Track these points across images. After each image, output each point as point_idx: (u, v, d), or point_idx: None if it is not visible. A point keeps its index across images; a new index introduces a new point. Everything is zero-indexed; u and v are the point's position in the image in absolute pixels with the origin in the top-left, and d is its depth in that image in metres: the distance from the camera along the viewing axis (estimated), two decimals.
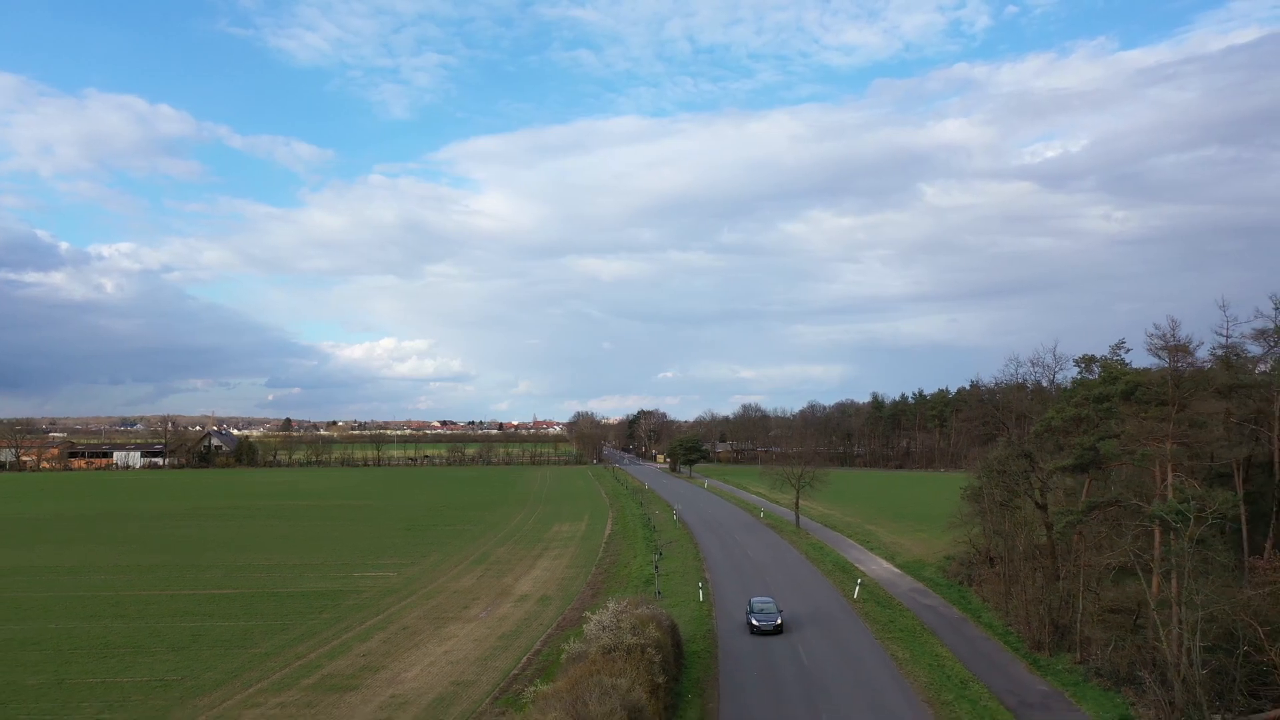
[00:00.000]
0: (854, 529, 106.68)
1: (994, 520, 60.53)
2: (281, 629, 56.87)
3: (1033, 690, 43.86)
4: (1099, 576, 45.43)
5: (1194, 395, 44.15)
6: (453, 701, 42.24)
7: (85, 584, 71.86)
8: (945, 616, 60.04)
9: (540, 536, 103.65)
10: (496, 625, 58.21)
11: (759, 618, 54.06)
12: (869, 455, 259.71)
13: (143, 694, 43.40)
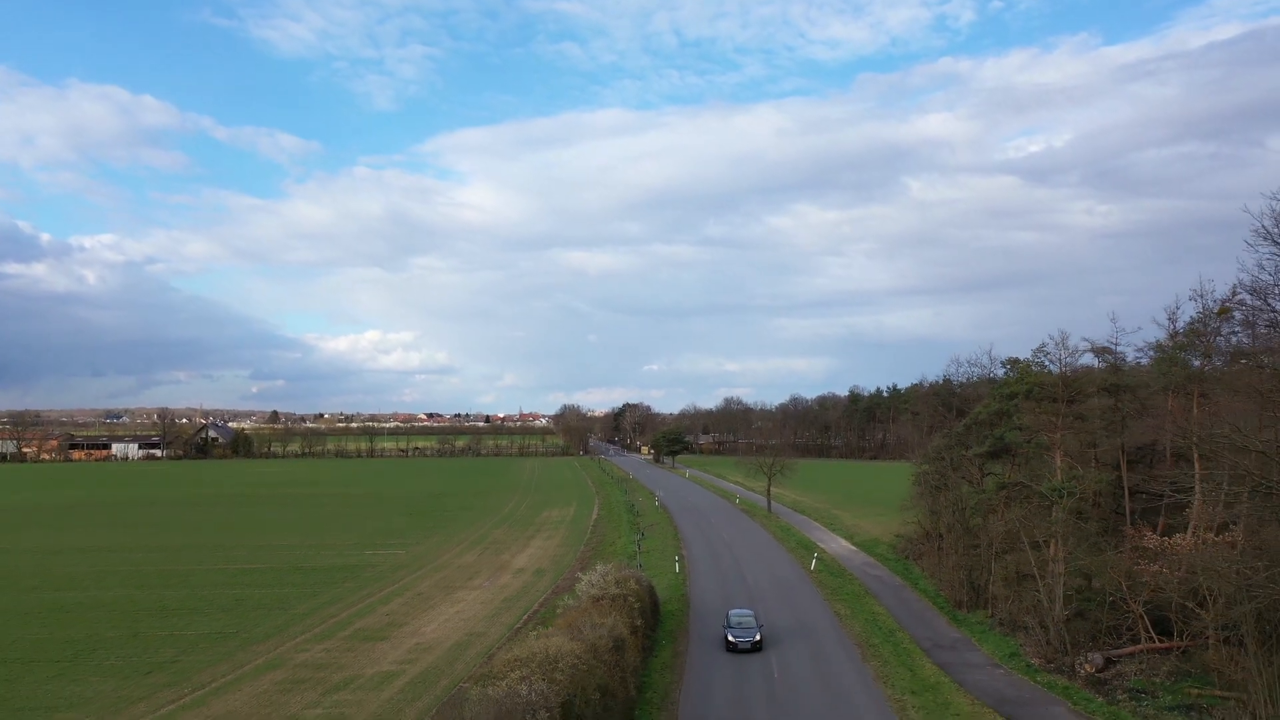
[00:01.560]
0: (821, 513, 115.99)
1: (930, 501, 69.78)
2: (312, 595, 65.46)
3: (947, 637, 53.11)
4: (1005, 546, 54.61)
5: (1081, 393, 53.29)
6: (468, 647, 51.03)
7: (128, 560, 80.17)
8: (888, 584, 69.30)
9: (532, 520, 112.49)
10: (499, 592, 67.05)
11: (736, 633, 49.58)
12: (845, 447, 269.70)
13: (207, 643, 51.95)
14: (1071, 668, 44.07)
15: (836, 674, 45.28)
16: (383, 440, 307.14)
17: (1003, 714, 38.93)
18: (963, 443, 67.33)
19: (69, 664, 47.59)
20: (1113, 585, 46.85)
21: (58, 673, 45.81)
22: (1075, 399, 52.80)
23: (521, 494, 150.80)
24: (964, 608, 58.44)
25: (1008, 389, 59.32)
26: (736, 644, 48.99)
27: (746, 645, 48.89)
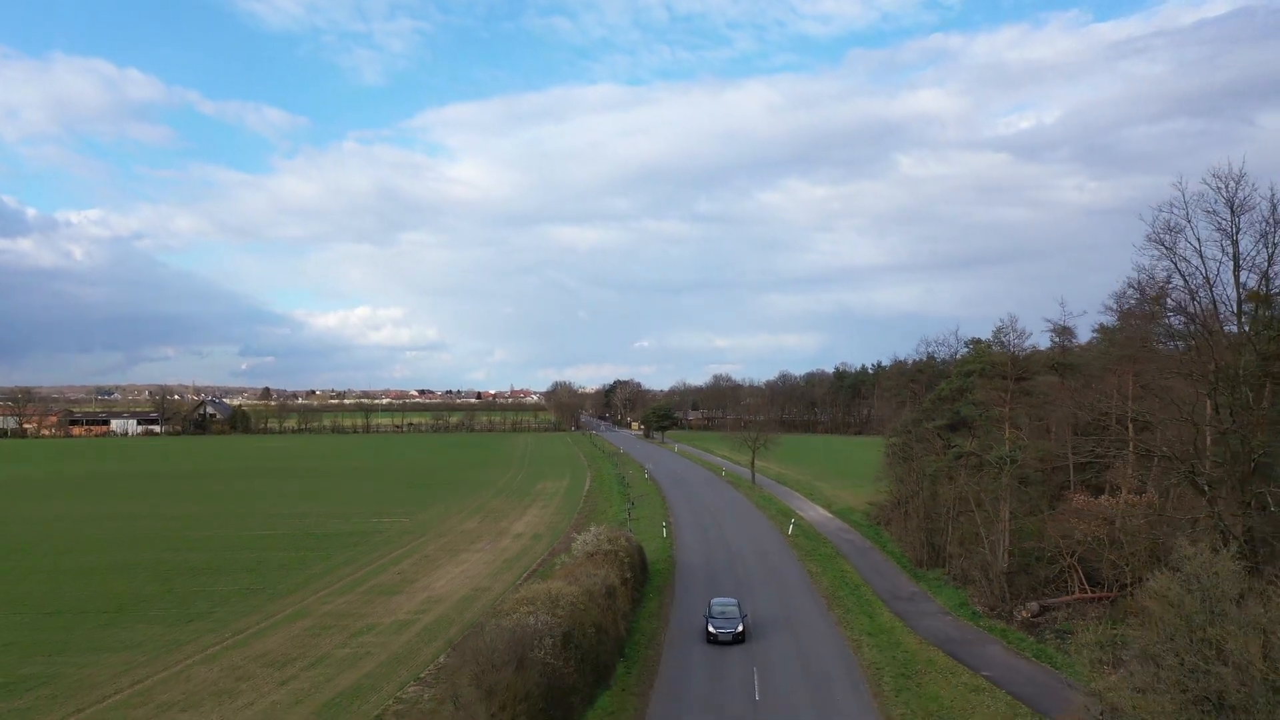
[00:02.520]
0: (802, 485, 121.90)
1: (898, 471, 75.52)
2: (326, 557, 70.89)
3: (906, 590, 58.95)
4: (959, 509, 60.32)
5: (1029, 371, 58.84)
6: (474, 599, 56.59)
7: (149, 527, 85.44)
8: (858, 546, 75.15)
9: (528, 491, 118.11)
10: (500, 553, 72.64)
11: (718, 623, 46.20)
12: (830, 422, 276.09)
13: (238, 597, 57.37)
14: (1010, 614, 49.91)
15: (804, 620, 51.04)
16: (377, 416, 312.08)
17: (945, 651, 44.69)
18: (929, 416, 72.94)
19: (116, 614, 52.96)
20: (1050, 543, 52.62)
21: (107, 622, 51.17)
22: (1024, 377, 58.34)
23: (516, 467, 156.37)
24: (924, 565, 64.29)
25: (966, 367, 64.88)
26: (717, 635, 45.51)
27: (728, 637, 45.38)
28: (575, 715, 35.02)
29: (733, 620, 46.51)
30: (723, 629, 45.93)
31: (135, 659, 44.16)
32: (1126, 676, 23.23)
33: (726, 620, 46.54)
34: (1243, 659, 19.25)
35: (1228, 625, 20.17)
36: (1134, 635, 27.65)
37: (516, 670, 30.13)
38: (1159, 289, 39.15)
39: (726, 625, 46.18)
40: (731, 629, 45.91)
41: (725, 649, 45.36)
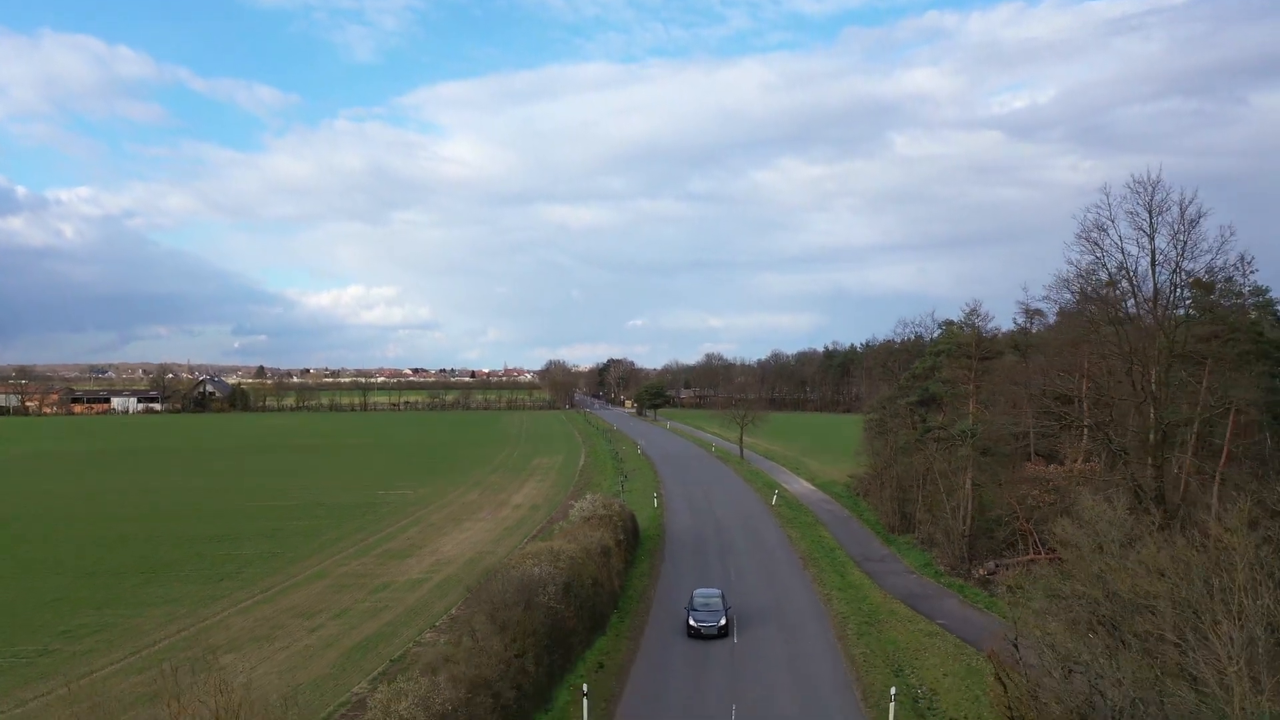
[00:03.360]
0: (789, 460, 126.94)
1: (876, 445, 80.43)
2: (338, 525, 75.59)
3: (877, 553, 63.96)
4: (927, 479, 65.20)
5: (992, 351, 63.55)
6: (480, 561, 61.32)
7: (166, 500, 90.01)
8: (837, 515, 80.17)
9: (525, 466, 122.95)
10: (501, 522, 77.47)
11: (700, 616, 43.71)
12: (820, 400, 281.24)
13: (260, 560, 62.06)
14: (969, 573, 54.91)
15: (781, 577, 56.03)
16: (374, 395, 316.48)
17: (907, 604, 49.66)
18: (904, 394, 77.75)
19: (152, 575, 57.66)
20: (1006, 508, 57.59)
21: (145, 581, 55.85)
22: (988, 356, 63.06)
23: (513, 444, 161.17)
24: (895, 531, 69.30)
25: (936, 347, 69.62)
26: (699, 629, 43.01)
27: (711, 631, 42.90)
28: (574, 654, 39.85)
29: (716, 613, 44.09)
30: (705, 622, 43.49)
31: (176, 611, 48.89)
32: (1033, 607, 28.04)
33: (709, 613, 44.15)
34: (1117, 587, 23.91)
35: (1109, 560, 24.83)
36: (1042, 574, 32.43)
37: (524, 610, 34.90)
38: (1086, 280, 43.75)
39: (709, 618, 43.77)
40: (714, 622, 43.45)
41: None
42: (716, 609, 44.45)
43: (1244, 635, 16.82)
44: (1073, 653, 23.81)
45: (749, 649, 41.94)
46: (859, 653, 41.19)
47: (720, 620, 43.58)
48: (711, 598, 45.61)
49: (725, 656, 41.10)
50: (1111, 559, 24.83)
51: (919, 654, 40.92)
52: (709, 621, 43.53)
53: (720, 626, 43.33)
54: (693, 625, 43.46)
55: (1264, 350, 49.51)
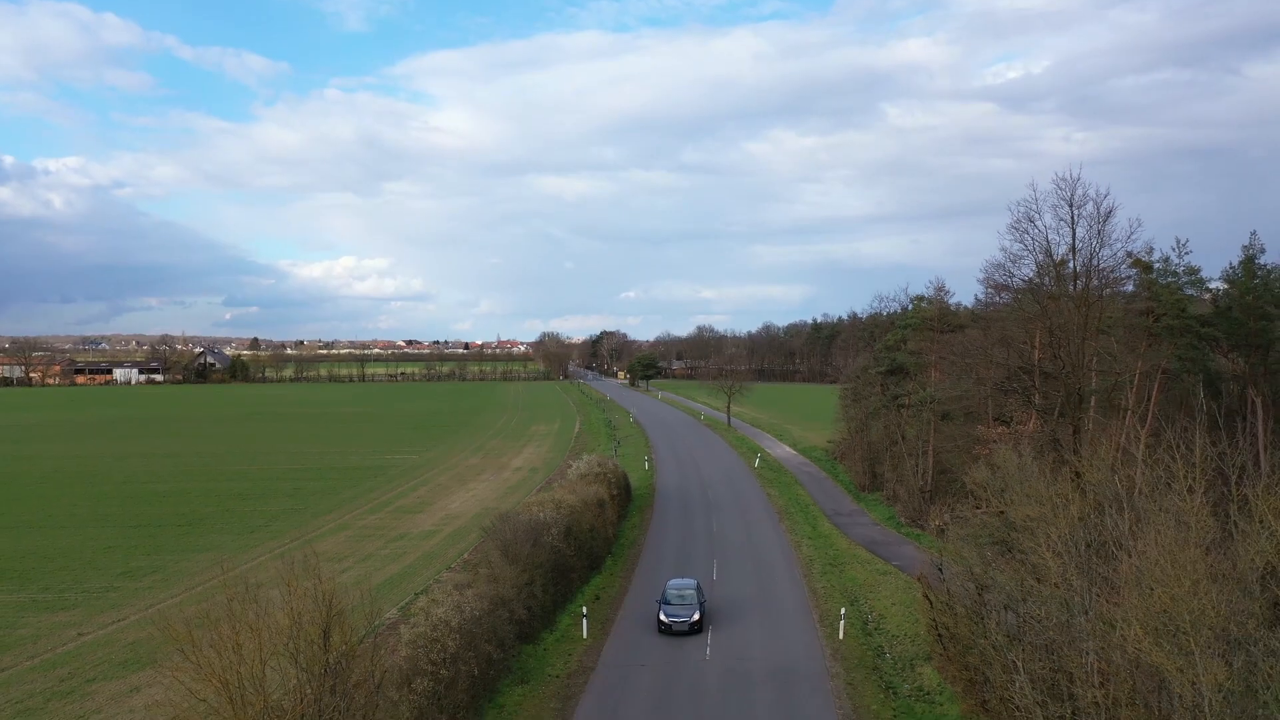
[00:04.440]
0: (774, 427, 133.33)
1: (850, 411, 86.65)
2: (352, 485, 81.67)
3: (847, 508, 70.36)
4: (892, 441, 71.44)
5: (953, 325, 69.53)
6: (485, 515, 67.01)
7: (188, 463, 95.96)
8: (814, 476, 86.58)
9: (523, 433, 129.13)
10: (503, 482, 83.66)
11: (672, 611, 39.75)
12: (808, 371, 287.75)
13: (286, 515, 68.12)
14: (925, 523, 61.26)
15: (758, 528, 62.39)
16: (371, 366, 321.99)
17: (868, 549, 56.01)
18: (877, 363, 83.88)
19: (189, 527, 63.69)
20: (962, 466, 63.79)
21: (184, 533, 61.86)
22: (949, 329, 69.09)
23: (510, 413, 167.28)
24: (865, 490, 75.69)
25: (905, 321, 75.67)
26: (670, 625, 39.19)
27: (683, 628, 39.08)
28: (574, 587, 46.07)
29: (689, 606, 40.02)
30: (676, 617, 39.33)
31: (219, 556, 54.88)
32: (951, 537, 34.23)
33: (682, 606, 40.02)
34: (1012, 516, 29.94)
35: (1010, 497, 30.83)
36: (961, 512, 38.65)
37: (533, 547, 41.04)
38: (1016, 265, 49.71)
39: (681, 613, 39.57)
40: (687, 617, 39.39)
41: (694, 545, 56.53)
42: (690, 601, 40.44)
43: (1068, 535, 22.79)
44: (971, 567, 30.02)
45: (728, 584, 48.20)
46: (820, 586, 47.55)
47: (694, 615, 39.67)
48: (685, 589, 41.34)
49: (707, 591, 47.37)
50: (1011, 495, 30.85)
51: (873, 589, 47.24)
52: (681, 616, 39.50)
53: (693, 622, 39.36)
54: (663, 621, 39.42)
55: (1187, 325, 55.62)
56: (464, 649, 30.47)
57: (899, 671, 35.38)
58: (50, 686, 33.92)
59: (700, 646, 38.19)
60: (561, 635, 40.28)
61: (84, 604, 44.82)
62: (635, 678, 34.93)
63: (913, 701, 32.47)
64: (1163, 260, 62.63)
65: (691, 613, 40.02)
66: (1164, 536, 17.77)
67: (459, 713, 29.47)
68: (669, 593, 41.34)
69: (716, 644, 38.58)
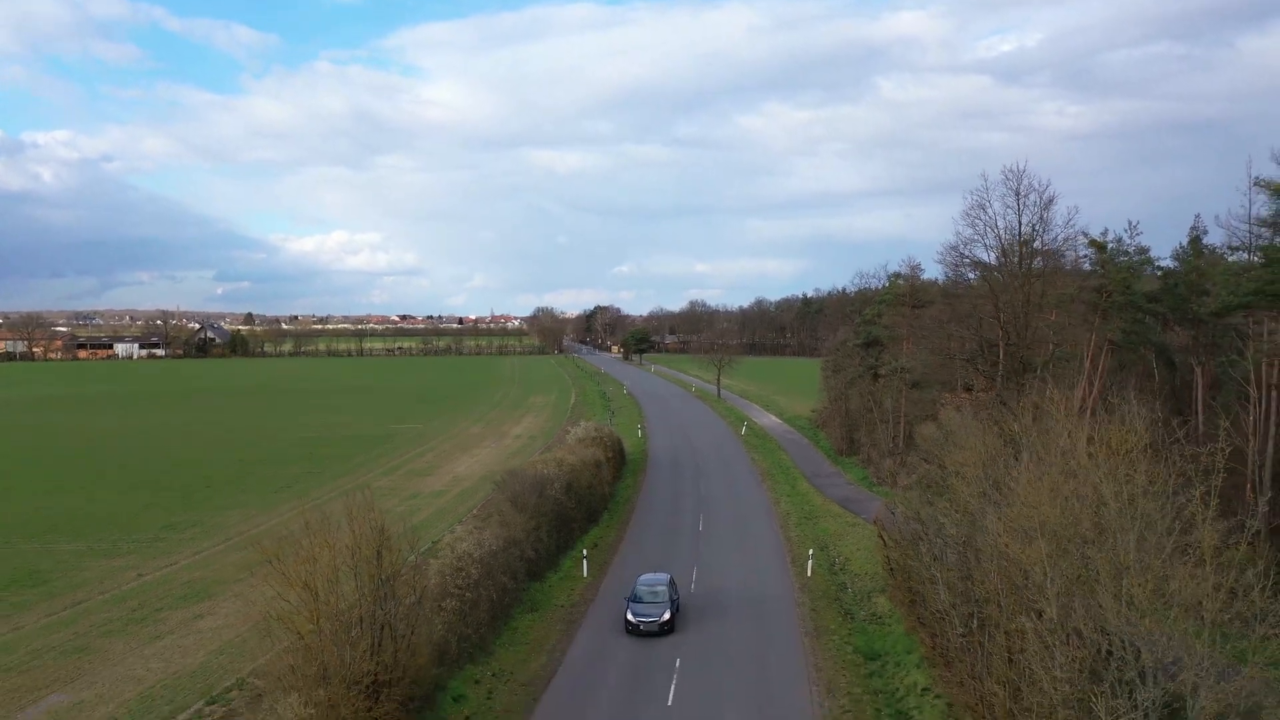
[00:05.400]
0: (762, 398, 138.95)
1: (831, 382, 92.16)
2: (363, 452, 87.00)
3: (825, 471, 76.00)
4: (867, 408, 76.95)
5: (924, 300, 74.82)
6: (490, 477, 72.79)
7: (206, 434, 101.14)
8: (797, 442, 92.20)
9: (521, 404, 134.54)
10: (505, 449, 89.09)
11: (639, 610, 36.53)
12: (798, 345, 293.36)
13: (305, 478, 73.40)
14: (895, 482, 66.89)
15: (742, 488, 68.04)
16: (369, 341, 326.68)
17: (841, 505, 61.62)
18: (855, 336, 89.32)
19: (217, 488, 69.00)
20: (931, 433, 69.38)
21: (212, 494, 67.12)
22: (920, 304, 74.40)
23: (508, 386, 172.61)
24: (843, 454, 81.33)
25: (881, 296, 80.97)
26: (638, 625, 35.96)
27: (652, 628, 35.87)
28: (575, 536, 51.55)
29: (660, 605, 36.67)
30: (645, 616, 36.11)
31: (248, 513, 60.36)
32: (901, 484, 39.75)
33: (653, 605, 36.76)
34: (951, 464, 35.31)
35: (948, 448, 36.19)
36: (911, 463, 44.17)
37: (538, 498, 46.48)
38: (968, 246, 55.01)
39: (650, 612, 36.33)
40: (656, 616, 36.14)
41: (682, 502, 62.05)
42: (661, 599, 37.07)
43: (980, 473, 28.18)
44: (913, 508, 35.52)
45: (711, 532, 53.77)
46: (794, 535, 53.19)
47: (664, 614, 36.29)
48: (658, 585, 38.10)
49: (694, 539, 52.98)
50: (949, 447, 36.20)
51: (842, 537, 52.84)
52: (650, 616, 36.19)
53: (663, 622, 36.05)
54: (630, 620, 36.23)
55: (1132, 301, 60.97)
56: (484, 578, 35.95)
57: (857, 601, 40.95)
58: (125, 614, 39.32)
59: (686, 582, 43.73)
60: (564, 575, 45.81)
61: (136, 552, 50.16)
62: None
63: (866, 623, 38.05)
64: (1116, 241, 68.11)
65: (661, 611, 36.44)
66: (1030, 470, 23.04)
67: (480, 629, 34.98)
68: (639, 589, 37.91)
69: (701, 579, 44.18)
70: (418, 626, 29.43)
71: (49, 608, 40.08)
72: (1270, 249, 43.44)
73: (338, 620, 26.75)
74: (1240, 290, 43.57)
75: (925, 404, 70.98)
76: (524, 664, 34.32)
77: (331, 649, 26.16)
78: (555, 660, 34.60)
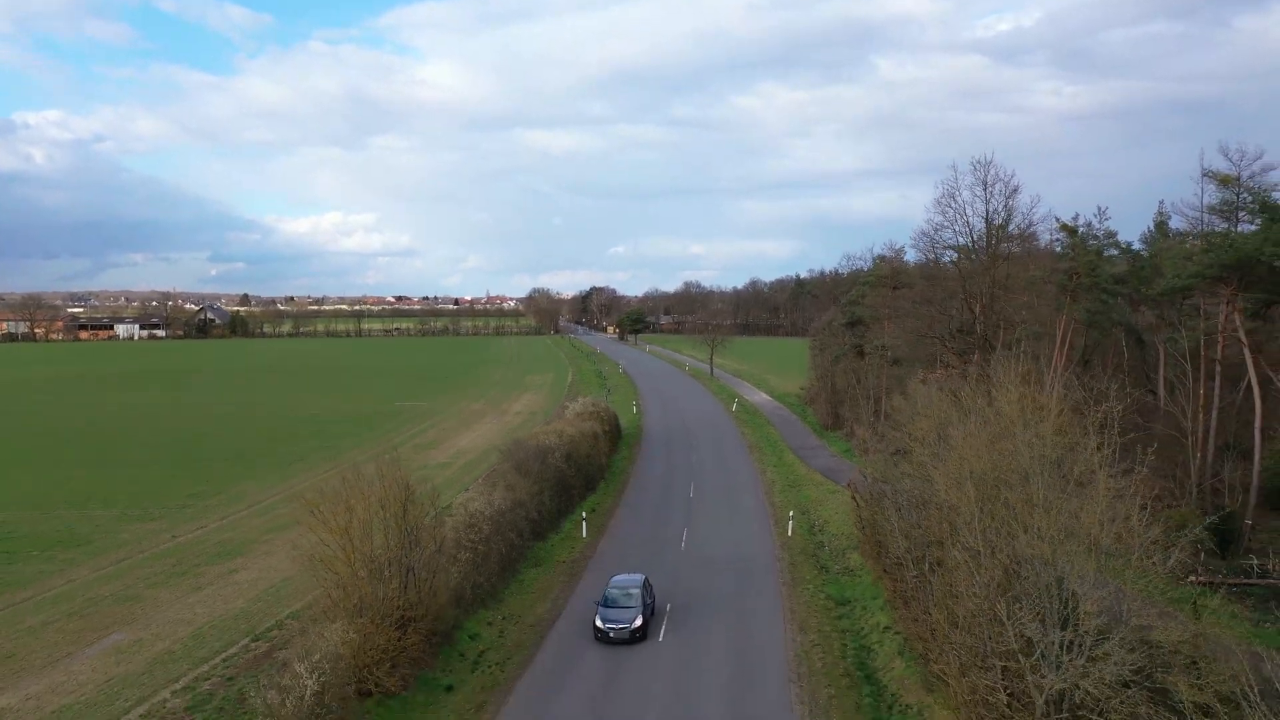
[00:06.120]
0: (754, 377, 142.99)
1: (818, 360, 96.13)
2: (370, 427, 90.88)
3: (811, 444, 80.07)
4: (851, 384, 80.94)
5: (904, 282, 78.62)
6: (493, 450, 76.71)
7: (219, 411, 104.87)
8: (785, 418, 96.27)
9: (519, 383, 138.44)
10: (505, 424, 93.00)
11: (608, 614, 33.45)
12: (790, 326, 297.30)
13: (316, 452, 77.28)
14: (867, 450, 70.99)
15: (731, 458, 72.11)
16: (367, 321, 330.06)
17: (823, 474, 65.68)
18: (841, 316, 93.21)
19: (235, 461, 72.86)
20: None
21: (231, 466, 70.92)
22: (900, 286, 78.22)
23: (506, 365, 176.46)
24: (828, 428, 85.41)
25: (864, 278, 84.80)
26: (607, 632, 32.72)
27: (623, 635, 32.61)
28: (575, 501, 55.53)
29: (630, 610, 33.34)
30: (614, 623, 32.85)
31: (266, 482, 64.28)
32: (872, 450, 43.73)
33: (624, 608, 33.49)
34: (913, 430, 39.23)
35: (913, 417, 40.11)
36: (881, 432, 48.16)
37: (541, 464, 50.45)
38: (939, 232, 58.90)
39: (619, 617, 33.04)
40: (626, 623, 32.84)
41: (674, 474, 66.07)
42: (633, 603, 33.71)
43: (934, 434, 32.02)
44: (880, 470, 39.52)
45: (701, 503, 57.81)
46: (778, 500, 57.29)
47: (635, 620, 32.95)
48: (631, 586, 34.84)
49: (685, 504, 57.03)
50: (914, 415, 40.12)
51: (822, 503, 56.91)
52: (619, 622, 32.87)
53: (634, 629, 32.73)
54: (599, 626, 32.98)
55: (1097, 282, 64.89)
56: (494, 534, 39.95)
57: (833, 557, 45.02)
58: (166, 569, 43.27)
59: (677, 542, 47.79)
60: (565, 535, 49.83)
61: (167, 516, 54.05)
62: (626, 562, 44.51)
63: (839, 575, 42.13)
64: (1086, 225, 72.07)
65: (632, 617, 32.94)
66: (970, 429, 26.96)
67: (491, 578, 39.00)
68: (610, 591, 34.68)
69: (690, 539, 48.27)
70: (438, 572, 33.37)
71: (96, 564, 44.00)
72: (1211, 235, 47.29)
73: (370, 563, 30.72)
74: (1184, 273, 47.43)
75: (903, 380, 74.93)
76: (531, 609, 38.37)
77: (366, 586, 30.15)
78: (559, 607, 38.62)
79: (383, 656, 28.90)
